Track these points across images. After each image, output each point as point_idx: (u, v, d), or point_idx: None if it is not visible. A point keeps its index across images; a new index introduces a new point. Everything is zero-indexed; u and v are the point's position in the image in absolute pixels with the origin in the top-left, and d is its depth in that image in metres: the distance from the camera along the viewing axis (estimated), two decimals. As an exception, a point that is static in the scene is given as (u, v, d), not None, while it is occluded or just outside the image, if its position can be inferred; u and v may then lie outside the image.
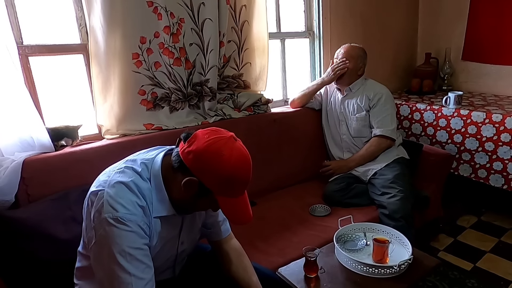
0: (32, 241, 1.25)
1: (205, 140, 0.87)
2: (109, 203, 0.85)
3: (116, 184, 0.88)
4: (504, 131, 2.09)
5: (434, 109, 2.43)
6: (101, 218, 0.84)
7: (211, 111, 1.97)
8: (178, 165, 0.90)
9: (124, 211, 0.85)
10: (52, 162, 1.46)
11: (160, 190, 0.93)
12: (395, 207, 1.71)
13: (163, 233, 0.96)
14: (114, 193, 0.86)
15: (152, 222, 0.92)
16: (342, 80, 2.08)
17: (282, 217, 1.77)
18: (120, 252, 0.83)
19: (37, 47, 1.55)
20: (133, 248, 0.85)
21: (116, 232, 0.83)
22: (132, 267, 0.84)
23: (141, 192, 0.90)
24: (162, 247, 0.98)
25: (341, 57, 2.07)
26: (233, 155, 0.87)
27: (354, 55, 2.05)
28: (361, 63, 2.06)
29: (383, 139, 2.00)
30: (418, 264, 1.29)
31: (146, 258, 0.89)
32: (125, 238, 0.84)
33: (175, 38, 1.76)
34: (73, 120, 1.64)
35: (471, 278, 1.85)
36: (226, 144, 0.88)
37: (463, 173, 2.34)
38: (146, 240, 0.89)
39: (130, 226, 0.85)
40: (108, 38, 1.59)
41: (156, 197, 0.92)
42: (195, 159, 0.87)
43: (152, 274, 0.90)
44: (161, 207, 0.93)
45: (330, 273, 1.28)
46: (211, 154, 0.86)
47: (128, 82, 1.70)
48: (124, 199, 0.86)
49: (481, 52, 2.74)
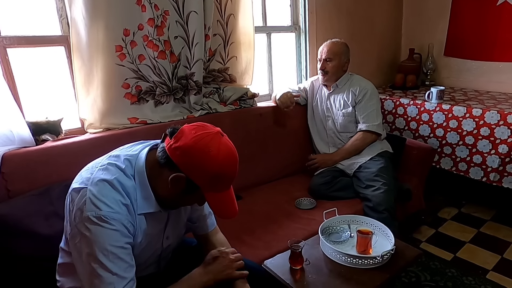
0: (13, 238, 1.22)
1: (192, 136, 0.87)
2: (92, 202, 0.83)
3: (99, 182, 0.86)
4: (484, 125, 2.15)
5: (417, 104, 2.47)
6: (83, 217, 0.83)
7: (197, 105, 1.95)
8: (165, 161, 0.89)
9: (108, 210, 0.84)
10: (32, 156, 1.42)
11: (145, 187, 0.92)
12: (379, 199, 1.75)
13: (148, 230, 0.96)
14: (97, 192, 0.85)
15: (137, 220, 0.91)
16: (329, 78, 2.09)
17: (268, 211, 1.79)
18: (103, 250, 0.82)
19: (16, 39, 1.50)
20: (115, 247, 0.84)
21: (99, 231, 0.82)
22: (114, 266, 0.84)
23: (125, 190, 0.88)
24: (148, 243, 0.98)
25: (324, 56, 2.06)
26: (221, 150, 0.87)
27: (338, 51, 2.05)
28: (345, 58, 2.07)
29: (369, 134, 2.03)
30: (401, 255, 1.32)
31: (128, 257, 0.88)
32: (108, 236, 0.83)
33: (159, 30, 1.73)
34: (54, 114, 1.60)
35: (451, 268, 1.91)
36: (213, 140, 0.87)
37: (445, 166, 2.40)
38: (129, 239, 0.88)
39: (114, 224, 0.84)
40: (90, 30, 1.56)
41: (141, 194, 0.91)
42: (182, 155, 0.86)
43: (133, 273, 0.89)
44: (146, 204, 0.92)
45: (315, 264, 1.30)
46: (198, 150, 0.85)
47: (112, 75, 1.67)
48: (107, 198, 0.85)
49: (463, 48, 2.81)
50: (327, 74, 2.07)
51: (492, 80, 2.69)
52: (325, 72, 2.07)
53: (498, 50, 2.62)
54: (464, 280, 1.81)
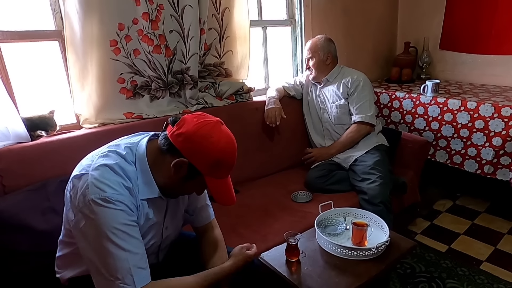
0: (9, 233, 1.22)
1: (195, 123, 0.90)
2: (94, 185, 0.84)
3: (100, 167, 0.87)
4: (478, 118, 2.17)
5: (412, 97, 2.48)
6: (86, 200, 0.83)
7: (193, 99, 1.95)
8: (167, 147, 0.91)
9: (112, 191, 0.85)
10: (28, 152, 1.42)
11: (146, 173, 0.93)
12: (375, 192, 1.76)
13: (149, 215, 0.97)
14: (98, 175, 0.86)
15: (140, 204, 0.92)
16: (315, 75, 2.12)
17: (264, 205, 1.79)
18: (111, 229, 0.83)
19: (9, 33, 1.49)
20: (123, 225, 0.85)
21: (105, 212, 0.83)
22: (125, 243, 0.85)
23: (126, 174, 0.90)
24: (148, 230, 0.98)
25: (305, 55, 2.12)
26: (222, 137, 0.92)
27: (315, 48, 2.07)
28: (325, 53, 2.07)
29: (363, 125, 2.04)
30: (395, 246, 1.34)
31: (137, 234, 0.89)
32: (115, 216, 0.84)
33: (154, 25, 1.72)
34: (48, 109, 1.59)
35: (446, 259, 1.94)
36: (214, 127, 0.91)
37: (440, 159, 2.41)
38: (134, 217, 0.90)
39: (118, 205, 0.85)
40: (84, 24, 1.55)
41: (142, 180, 0.93)
42: (185, 141, 0.89)
43: (144, 249, 0.90)
44: (147, 189, 0.94)
45: (310, 257, 1.31)
46: (201, 136, 0.89)
47: (107, 70, 1.66)
48: (110, 180, 0.86)
49: (458, 41, 2.81)
50: (312, 71, 2.11)
51: (486, 73, 2.70)
52: (310, 70, 2.12)
53: (493, 43, 2.62)
54: (458, 271, 1.84)
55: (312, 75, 2.13)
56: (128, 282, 0.84)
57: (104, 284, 0.85)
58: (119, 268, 0.83)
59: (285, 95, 2.25)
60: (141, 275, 0.86)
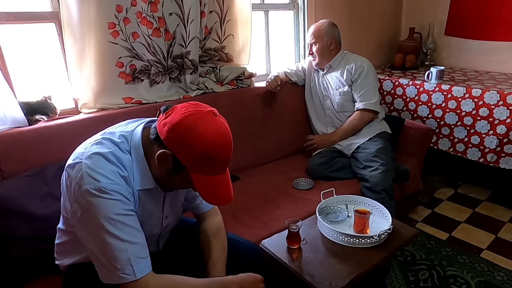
0: (8, 219, 1.21)
1: (182, 113, 0.84)
2: (89, 174, 0.82)
3: (93, 155, 0.85)
4: (483, 105, 2.14)
5: (416, 84, 2.44)
6: (82, 190, 0.82)
7: (193, 84, 1.92)
8: (154, 137, 0.88)
9: (107, 181, 0.83)
10: (26, 137, 1.40)
11: (141, 162, 0.90)
12: (377, 180, 1.74)
13: (147, 205, 0.95)
14: (92, 164, 0.84)
15: (136, 193, 0.90)
16: (319, 61, 2.08)
17: (265, 191, 1.78)
18: (108, 220, 0.82)
19: (4, 15, 1.44)
20: (120, 215, 0.84)
21: (101, 202, 0.81)
22: (123, 233, 0.83)
23: (121, 163, 0.87)
24: (146, 220, 0.96)
25: (309, 40, 2.07)
26: (208, 129, 0.83)
27: (319, 33, 2.02)
28: (329, 38, 2.02)
29: (366, 113, 2.01)
30: (397, 234, 1.32)
31: (135, 223, 0.87)
32: (111, 206, 0.82)
33: (153, 7, 1.67)
34: (43, 93, 1.55)
35: (446, 247, 1.94)
36: (202, 118, 0.84)
37: (442, 147, 2.39)
38: (131, 206, 0.87)
39: (114, 195, 0.83)
40: (81, 5, 1.50)
41: (138, 169, 0.90)
42: (169, 131, 0.83)
43: (143, 238, 0.88)
44: (143, 179, 0.91)
45: (312, 244, 1.30)
46: (184, 126, 0.83)
47: (105, 53, 1.62)
48: (104, 170, 0.84)
49: (464, 27, 2.75)
50: (316, 57, 2.07)
51: (492, 60, 2.66)
52: (313, 56, 2.08)
53: (500, 29, 2.57)
54: (459, 259, 1.84)
55: (315, 61, 2.09)
56: (128, 272, 0.82)
57: (106, 273, 0.84)
58: (118, 258, 0.82)
59: (287, 81, 2.21)
60: (141, 265, 0.85)
